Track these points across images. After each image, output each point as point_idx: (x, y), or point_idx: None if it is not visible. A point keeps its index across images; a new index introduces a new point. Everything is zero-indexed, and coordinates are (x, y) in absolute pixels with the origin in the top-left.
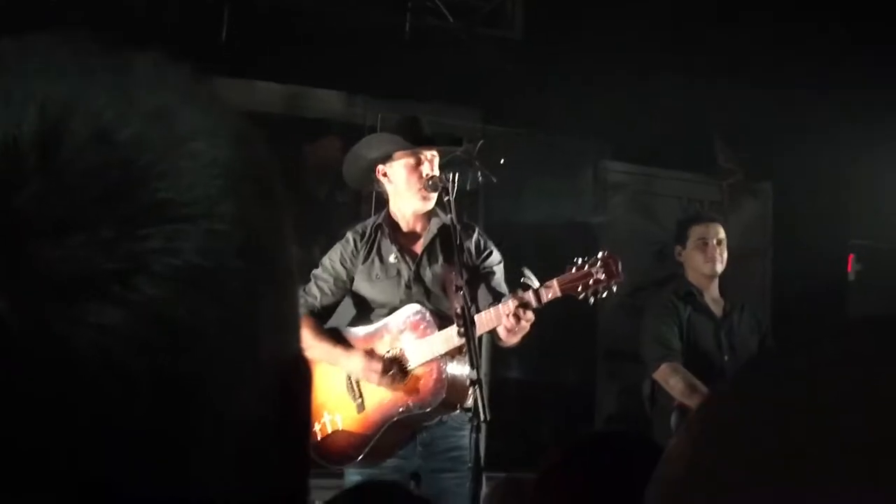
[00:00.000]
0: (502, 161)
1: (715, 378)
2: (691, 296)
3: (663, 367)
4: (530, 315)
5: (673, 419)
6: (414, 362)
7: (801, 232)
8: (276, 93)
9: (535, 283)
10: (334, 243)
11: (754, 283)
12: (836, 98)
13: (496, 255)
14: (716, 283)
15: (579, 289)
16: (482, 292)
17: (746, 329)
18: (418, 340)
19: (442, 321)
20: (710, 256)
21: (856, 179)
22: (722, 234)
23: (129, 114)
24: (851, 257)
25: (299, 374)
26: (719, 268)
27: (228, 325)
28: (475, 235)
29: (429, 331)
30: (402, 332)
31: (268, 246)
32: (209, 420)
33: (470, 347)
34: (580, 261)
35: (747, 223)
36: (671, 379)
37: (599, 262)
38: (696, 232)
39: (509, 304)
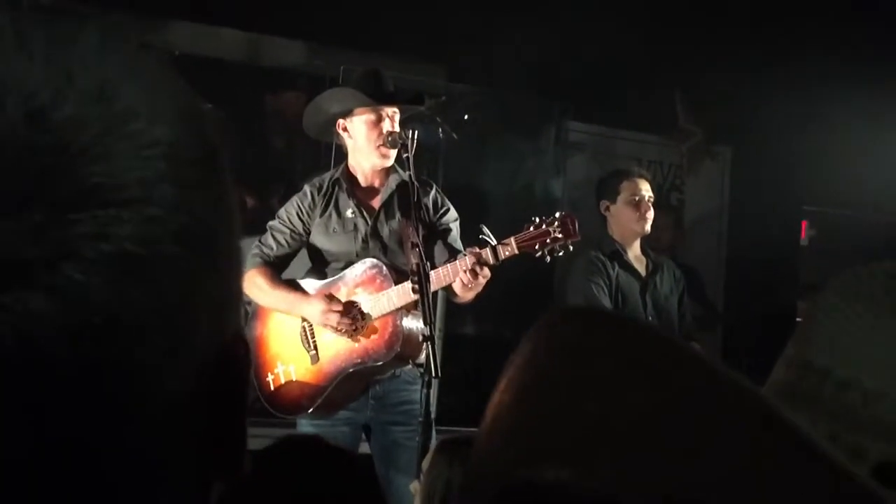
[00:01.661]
0: (465, 118)
1: None
2: (617, 254)
3: None
4: (487, 272)
5: None
6: (369, 316)
7: (756, 197)
8: (237, 40)
9: (493, 241)
10: (293, 194)
11: (709, 246)
12: (794, 65)
13: (453, 213)
14: (638, 241)
15: (536, 247)
16: (439, 249)
17: (667, 288)
18: (374, 294)
19: (398, 276)
20: (642, 214)
21: (811, 146)
22: (651, 192)
23: (66, 92)
24: (805, 223)
25: (237, 353)
26: (648, 227)
27: (160, 312)
28: (433, 192)
29: (385, 285)
30: (357, 285)
31: (208, 231)
32: (135, 402)
33: (424, 303)
34: (538, 219)
35: (705, 186)
36: None
37: (557, 222)
38: (628, 187)
39: (466, 260)
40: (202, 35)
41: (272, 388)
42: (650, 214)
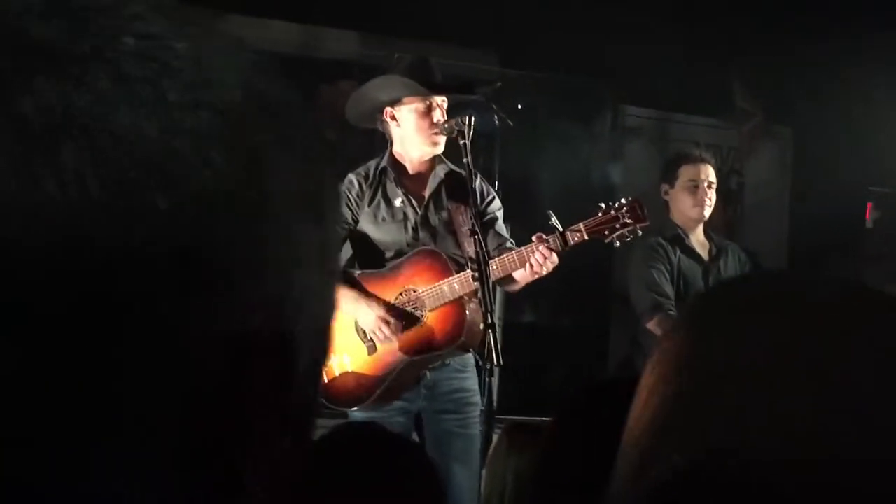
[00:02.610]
0: (519, 106)
1: None
2: (679, 238)
3: (658, 317)
4: (555, 258)
5: None
6: (429, 306)
7: (819, 178)
8: (292, 32)
9: (560, 227)
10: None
11: (771, 230)
12: (856, 40)
13: (497, 201)
14: (701, 225)
15: (606, 232)
16: (486, 237)
17: (732, 272)
18: (433, 284)
19: (456, 266)
20: (699, 200)
21: (875, 126)
22: (713, 176)
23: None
24: (870, 205)
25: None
26: (707, 212)
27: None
28: (477, 181)
29: (443, 274)
30: (414, 274)
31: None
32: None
33: (484, 291)
34: (606, 205)
35: (766, 169)
36: None
37: (626, 207)
38: (686, 172)
39: (534, 246)
40: (254, 27)
41: (325, 379)
42: (709, 200)
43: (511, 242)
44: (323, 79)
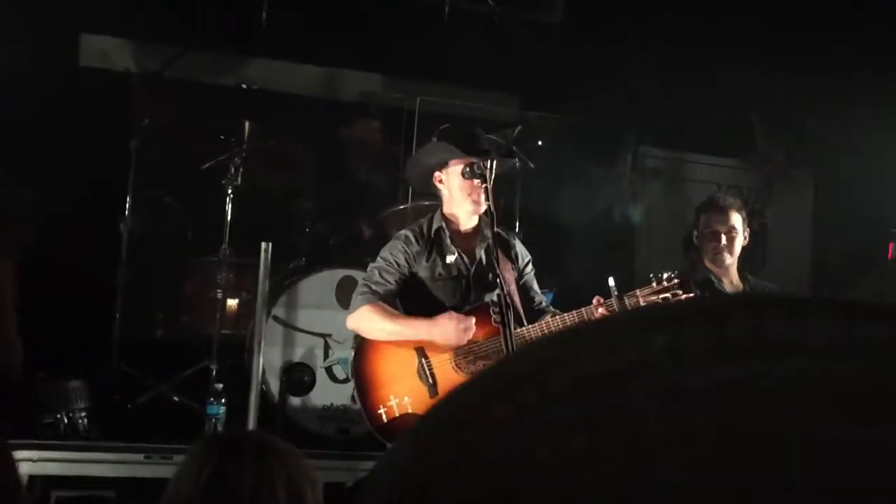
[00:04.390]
0: (540, 144)
1: None
2: (709, 283)
3: None
4: None
5: None
6: (491, 357)
7: (841, 219)
8: (315, 75)
9: (616, 291)
10: (374, 223)
11: (795, 271)
12: (873, 85)
13: (531, 263)
14: (734, 268)
15: (659, 301)
16: (526, 295)
17: None
18: (493, 337)
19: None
20: (717, 249)
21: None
22: (734, 222)
23: None
24: (892, 245)
25: None
26: (727, 260)
27: None
28: (517, 244)
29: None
30: (478, 327)
31: None
32: None
33: (505, 333)
34: (658, 276)
35: (788, 211)
36: None
37: (677, 280)
38: (707, 220)
39: (594, 309)
40: (281, 71)
41: (385, 420)
42: (727, 248)
43: (543, 299)
44: (346, 121)
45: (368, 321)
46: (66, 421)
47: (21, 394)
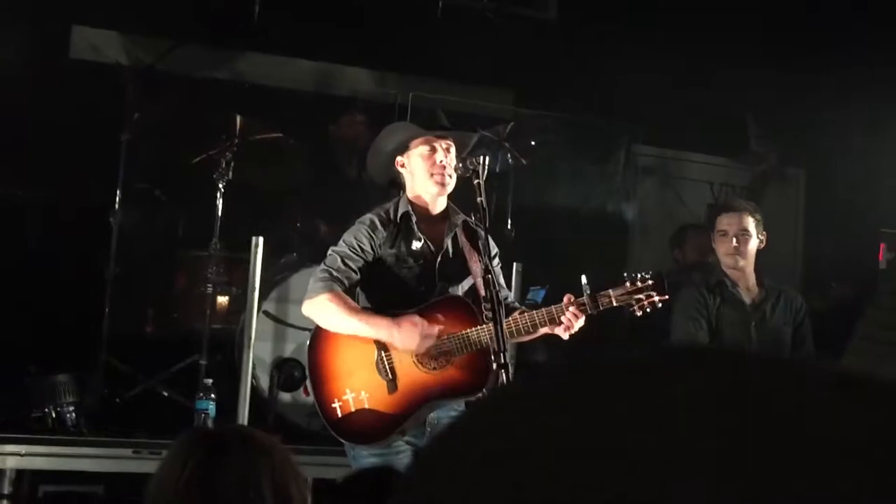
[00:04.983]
0: (532, 143)
1: None
2: (722, 286)
3: None
4: (582, 319)
5: None
6: (455, 353)
7: (832, 219)
8: (307, 70)
9: (588, 290)
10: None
11: (785, 270)
12: (866, 84)
13: (498, 256)
14: (749, 271)
15: (633, 302)
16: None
17: (780, 319)
18: (460, 332)
19: (478, 312)
20: (729, 249)
21: (886, 167)
22: (746, 224)
23: None
24: (883, 246)
25: None
26: (740, 262)
27: None
28: (485, 235)
29: (471, 323)
30: (441, 321)
31: None
32: None
33: (497, 330)
34: (634, 275)
35: (778, 209)
36: None
37: (651, 281)
38: (720, 222)
39: (565, 307)
40: (273, 66)
41: (339, 414)
42: (739, 248)
43: (509, 295)
44: (339, 117)
45: (327, 312)
46: (54, 415)
47: None
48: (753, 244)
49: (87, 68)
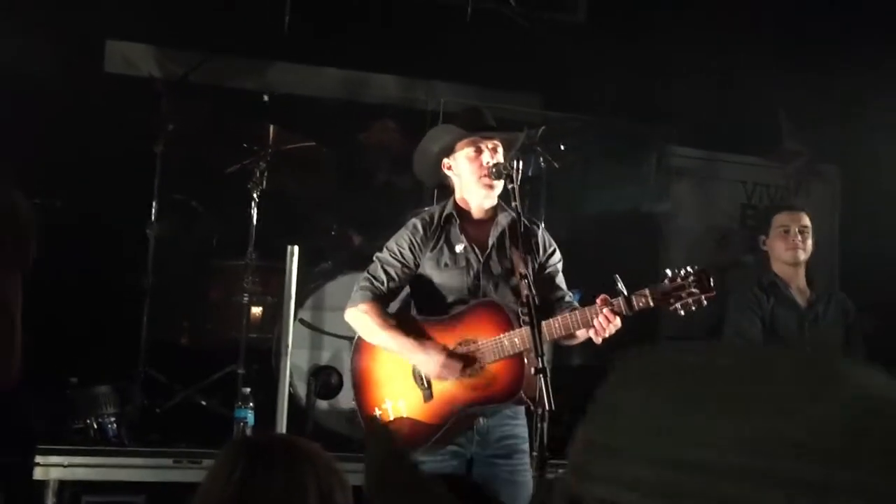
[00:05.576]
0: (562, 147)
1: None
2: (775, 286)
3: None
4: (618, 321)
5: None
6: (489, 358)
7: (868, 215)
8: (337, 78)
9: (625, 291)
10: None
11: (822, 267)
12: None
13: (558, 254)
14: (801, 272)
15: (671, 300)
16: (546, 290)
17: (831, 319)
18: (494, 337)
19: (515, 317)
20: (791, 244)
21: None
22: (806, 221)
23: None
24: None
25: None
26: (801, 255)
27: None
28: (540, 232)
29: (505, 327)
30: (476, 326)
31: None
32: None
33: (534, 335)
34: (673, 272)
35: (814, 207)
36: None
37: (693, 276)
38: (778, 220)
39: (598, 309)
40: (304, 75)
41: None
42: (801, 244)
43: (569, 296)
44: (369, 124)
45: (362, 321)
46: (95, 426)
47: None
48: (811, 243)
49: (121, 81)
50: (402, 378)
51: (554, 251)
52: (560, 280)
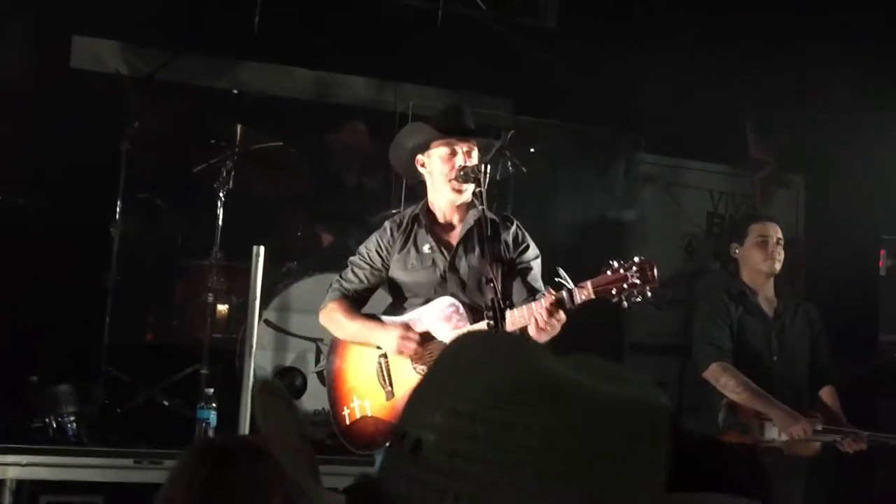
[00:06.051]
0: (532, 151)
1: (764, 377)
2: (743, 295)
3: (713, 366)
4: (562, 315)
5: (721, 416)
6: None
7: (832, 226)
8: (307, 79)
9: (569, 284)
10: (364, 229)
11: (785, 276)
12: (868, 91)
13: (533, 250)
14: (771, 282)
15: (613, 291)
16: (517, 287)
17: (798, 330)
18: (451, 333)
19: (475, 315)
20: (769, 254)
21: (886, 172)
22: (780, 233)
23: None
24: (883, 252)
25: None
26: (777, 266)
27: None
28: (513, 228)
29: (461, 324)
30: (435, 323)
31: None
32: None
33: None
34: (616, 263)
35: (779, 216)
36: (721, 378)
37: (635, 266)
38: (755, 230)
39: (542, 303)
40: (273, 75)
41: (347, 422)
42: (778, 255)
43: (541, 294)
44: (338, 125)
45: (331, 318)
46: (55, 425)
47: None
48: (783, 252)
49: (87, 78)
50: (368, 377)
51: (527, 247)
52: (532, 278)
